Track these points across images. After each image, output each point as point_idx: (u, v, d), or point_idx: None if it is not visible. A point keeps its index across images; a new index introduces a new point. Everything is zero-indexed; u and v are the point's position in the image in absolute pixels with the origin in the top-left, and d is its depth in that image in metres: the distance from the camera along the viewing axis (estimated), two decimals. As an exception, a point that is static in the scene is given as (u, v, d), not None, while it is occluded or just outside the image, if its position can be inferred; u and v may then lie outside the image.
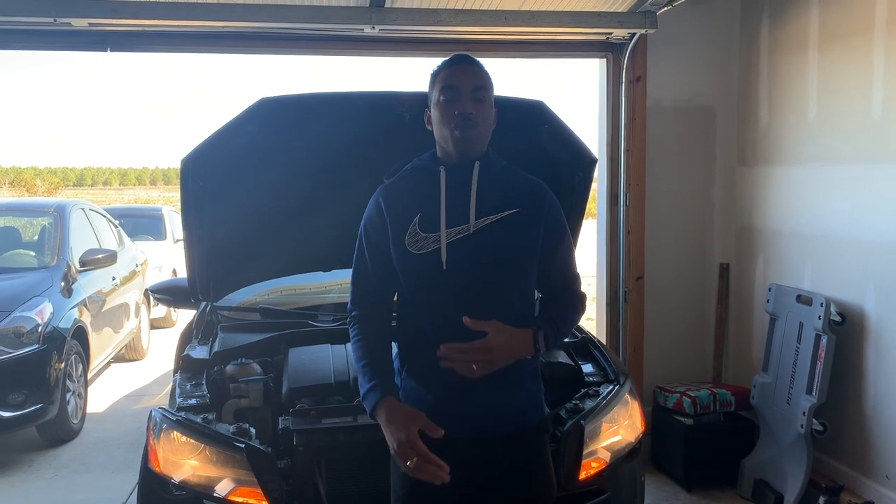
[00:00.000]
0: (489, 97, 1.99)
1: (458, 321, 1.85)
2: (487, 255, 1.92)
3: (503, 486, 1.97)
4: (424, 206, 1.96)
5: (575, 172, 2.86)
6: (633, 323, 4.49)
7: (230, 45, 4.17)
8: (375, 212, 2.01)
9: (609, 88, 4.44)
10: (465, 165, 1.97)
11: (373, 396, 1.90)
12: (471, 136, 1.94)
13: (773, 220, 4.26)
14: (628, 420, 2.60)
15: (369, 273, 2.03)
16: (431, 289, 1.95)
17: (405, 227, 1.96)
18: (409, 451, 1.80)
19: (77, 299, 5.51)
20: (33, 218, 6.77)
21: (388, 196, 2.02)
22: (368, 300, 2.04)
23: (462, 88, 1.94)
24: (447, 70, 1.99)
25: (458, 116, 1.92)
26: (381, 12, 3.82)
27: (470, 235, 1.93)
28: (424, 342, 1.93)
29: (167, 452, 2.32)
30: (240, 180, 2.86)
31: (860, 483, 3.65)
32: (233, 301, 3.51)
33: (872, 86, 3.51)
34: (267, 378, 2.72)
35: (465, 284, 1.92)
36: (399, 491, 1.98)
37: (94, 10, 3.68)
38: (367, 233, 2.03)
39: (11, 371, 4.69)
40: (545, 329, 1.92)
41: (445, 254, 1.91)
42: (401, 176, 2.06)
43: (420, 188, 2.00)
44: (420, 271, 1.95)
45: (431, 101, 2.00)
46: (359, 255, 2.05)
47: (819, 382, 3.63)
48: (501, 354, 1.84)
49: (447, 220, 1.93)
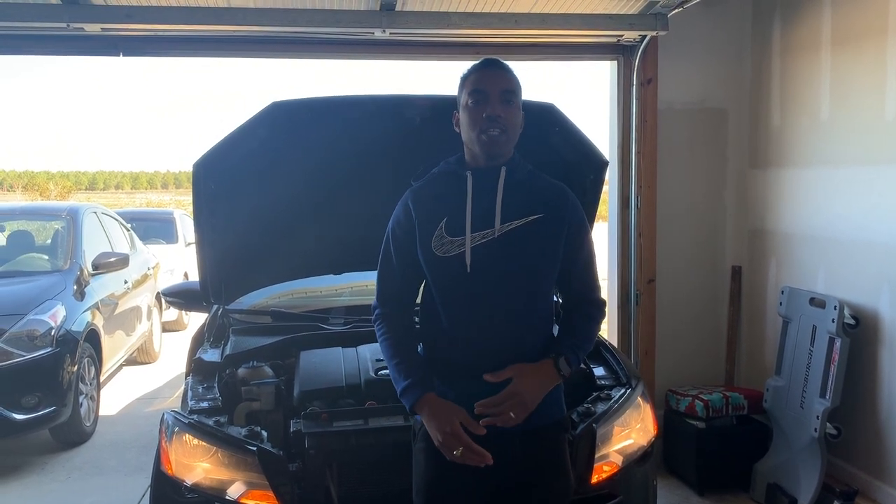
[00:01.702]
0: (517, 101, 2.02)
1: (480, 322, 1.95)
2: (511, 260, 1.97)
3: (522, 481, 2.00)
4: (451, 210, 2.01)
5: (586, 175, 2.86)
6: (644, 326, 4.47)
7: (241, 49, 4.19)
8: (404, 213, 2.06)
9: (620, 91, 4.43)
10: (491, 170, 2.01)
11: (412, 393, 1.96)
12: (498, 139, 1.98)
13: (785, 223, 4.23)
14: (640, 424, 2.59)
15: (395, 273, 2.08)
16: (455, 291, 1.99)
17: (432, 230, 2.00)
18: (454, 442, 1.88)
19: (90, 302, 5.54)
20: (46, 222, 6.80)
21: (417, 199, 2.06)
22: (393, 299, 2.10)
23: (490, 92, 1.97)
24: (476, 74, 2.03)
25: (485, 119, 1.96)
26: (392, 16, 3.82)
27: (495, 240, 1.97)
28: (447, 342, 2.00)
29: (179, 455, 2.33)
30: (251, 184, 2.87)
31: (875, 487, 3.62)
32: (244, 304, 3.52)
33: (886, 87, 3.48)
34: (278, 381, 2.73)
35: (488, 288, 1.96)
36: (420, 484, 2.02)
37: (107, 15, 3.71)
38: (395, 234, 2.08)
39: (25, 374, 4.71)
40: (564, 353, 1.98)
41: (470, 257, 1.95)
42: (428, 179, 2.11)
43: (447, 192, 2.04)
44: (445, 274, 2.00)
45: (460, 104, 2.04)
46: (385, 255, 2.10)
47: (833, 386, 3.60)
48: (531, 395, 1.91)
49: (473, 225, 1.98)
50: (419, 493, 2.02)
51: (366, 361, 2.75)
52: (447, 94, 2.86)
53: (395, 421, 2.35)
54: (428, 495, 2.00)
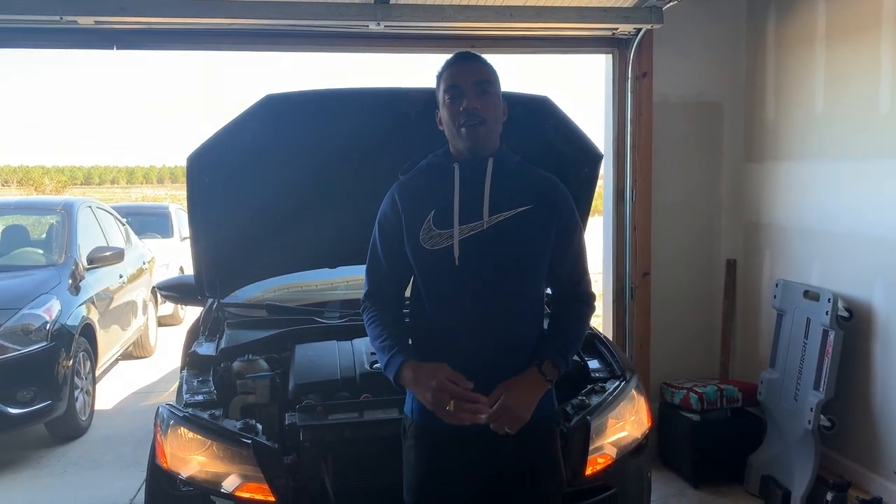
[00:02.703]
0: (494, 90, 2.00)
1: (469, 315, 1.92)
2: (500, 252, 1.95)
3: (514, 477, 1.99)
4: (438, 202, 1.99)
5: (581, 168, 2.86)
6: (639, 319, 4.48)
7: (236, 42, 4.18)
8: (390, 207, 2.04)
9: (615, 84, 4.43)
10: (478, 162, 2.00)
11: (394, 363, 1.95)
12: (479, 132, 1.96)
13: (780, 216, 4.24)
14: (634, 416, 2.60)
15: (383, 267, 2.07)
16: (444, 284, 1.98)
17: (419, 222, 1.99)
18: (444, 396, 1.84)
19: (85, 297, 5.54)
20: (41, 216, 6.79)
21: (403, 192, 2.04)
22: (382, 292, 2.09)
23: (464, 86, 1.96)
24: (449, 70, 2.01)
25: (463, 113, 1.94)
26: (387, 8, 3.82)
27: (483, 231, 1.95)
28: (437, 335, 1.98)
29: (174, 449, 2.33)
30: (246, 177, 2.86)
31: (868, 479, 3.64)
32: (239, 298, 3.52)
33: (880, 80, 3.49)
34: (273, 374, 2.73)
35: (477, 280, 1.95)
36: (411, 480, 2.01)
37: (101, 7, 3.69)
38: (382, 227, 2.06)
39: (20, 368, 4.71)
40: (550, 357, 1.96)
41: (458, 250, 1.94)
42: (415, 172, 2.09)
43: (434, 184, 2.02)
44: (433, 267, 1.98)
45: (439, 102, 2.03)
46: (373, 249, 2.09)
47: (826, 378, 3.62)
48: (521, 408, 1.89)
49: (461, 217, 1.96)
50: (410, 490, 2.02)
51: (361, 354, 2.75)
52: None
53: (391, 413, 2.35)
54: (420, 492, 1.99)
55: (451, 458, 1.97)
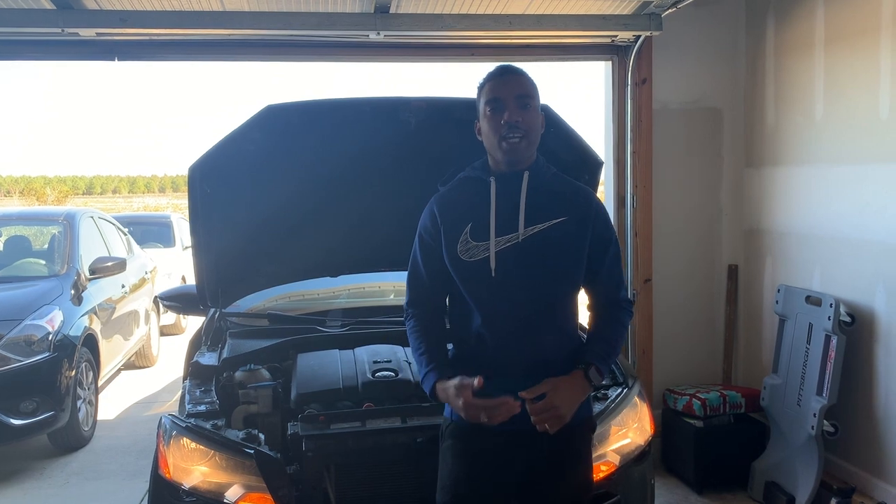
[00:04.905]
0: (535, 104, 2.05)
1: (507, 324, 2.00)
2: (535, 263, 2.01)
3: (545, 478, 2.04)
4: (475, 214, 2.05)
5: (581, 175, 2.85)
6: (641, 325, 4.48)
7: (237, 53, 4.19)
8: (430, 219, 2.12)
9: (615, 91, 4.44)
10: (514, 174, 2.05)
11: (427, 381, 2.03)
12: (519, 145, 2.02)
13: (781, 222, 4.24)
14: (637, 423, 2.60)
15: (423, 277, 2.14)
16: (482, 294, 2.04)
17: (457, 235, 2.05)
18: (474, 411, 1.91)
19: (87, 307, 5.54)
20: (43, 227, 6.81)
21: (442, 204, 2.12)
22: (422, 301, 2.16)
23: (506, 99, 2.00)
24: (491, 82, 2.06)
25: (504, 126, 1.99)
26: (386, 18, 3.83)
27: (519, 244, 2.01)
28: (475, 343, 2.04)
29: (177, 459, 2.33)
30: (247, 187, 2.87)
31: (872, 484, 3.63)
32: (241, 307, 3.52)
33: (879, 86, 3.50)
34: (276, 384, 2.73)
35: (513, 290, 2.00)
36: (446, 480, 2.06)
37: (102, 19, 3.71)
38: (422, 239, 2.13)
39: (23, 379, 4.71)
40: (594, 363, 2.01)
41: (494, 261, 2.00)
42: (453, 184, 2.15)
43: (471, 197, 2.08)
44: (471, 277, 2.04)
45: (479, 113, 2.08)
46: (414, 259, 2.16)
47: (829, 383, 3.61)
48: (566, 408, 1.93)
49: (497, 229, 2.02)
50: (445, 490, 2.05)
51: (363, 363, 2.75)
52: (442, 96, 2.88)
53: (393, 423, 2.35)
54: (454, 492, 2.03)
55: (486, 460, 2.02)
